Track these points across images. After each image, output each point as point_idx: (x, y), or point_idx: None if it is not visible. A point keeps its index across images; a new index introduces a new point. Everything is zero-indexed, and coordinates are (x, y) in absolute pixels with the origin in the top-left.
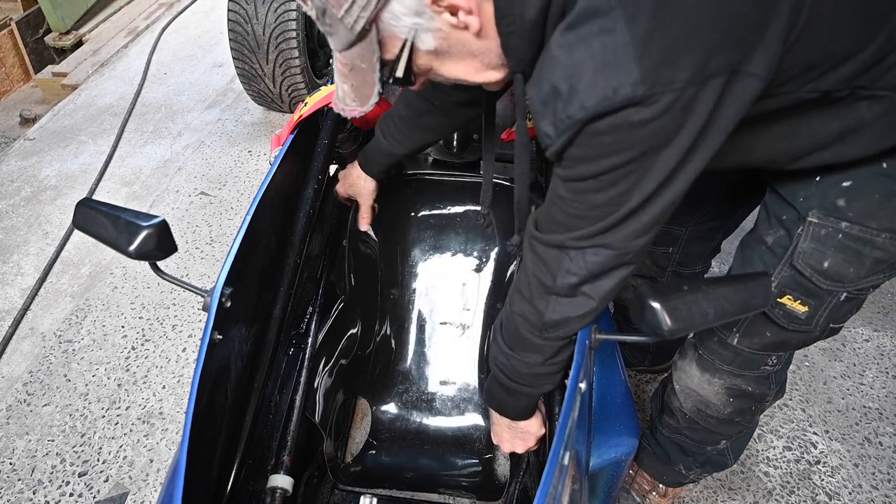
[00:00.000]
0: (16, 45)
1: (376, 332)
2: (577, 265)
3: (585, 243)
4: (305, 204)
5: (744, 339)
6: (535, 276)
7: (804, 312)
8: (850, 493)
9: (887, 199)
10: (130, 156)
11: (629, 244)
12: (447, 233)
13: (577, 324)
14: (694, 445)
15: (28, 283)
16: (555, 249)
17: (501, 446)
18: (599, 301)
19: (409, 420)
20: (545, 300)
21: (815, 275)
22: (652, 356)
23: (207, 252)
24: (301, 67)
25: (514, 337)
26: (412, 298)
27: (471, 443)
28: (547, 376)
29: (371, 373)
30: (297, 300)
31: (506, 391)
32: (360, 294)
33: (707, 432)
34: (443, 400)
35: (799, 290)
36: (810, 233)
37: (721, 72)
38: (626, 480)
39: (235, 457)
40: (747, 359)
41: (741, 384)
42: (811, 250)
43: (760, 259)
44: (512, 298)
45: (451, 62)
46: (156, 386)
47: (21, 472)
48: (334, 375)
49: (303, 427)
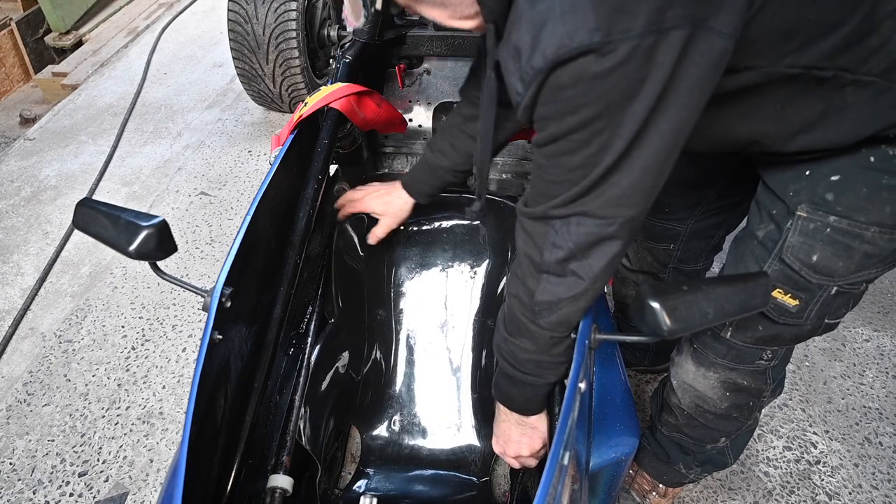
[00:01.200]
0: (16, 45)
1: (365, 356)
2: (562, 237)
3: (566, 210)
4: (305, 204)
5: (737, 333)
6: (526, 253)
7: (795, 306)
8: (850, 493)
9: (875, 192)
10: (130, 156)
11: (611, 212)
12: (434, 249)
13: (568, 307)
14: (694, 444)
15: (28, 283)
16: (540, 223)
17: (506, 450)
18: (590, 282)
19: (401, 445)
20: (536, 279)
21: (805, 269)
22: (652, 356)
23: (207, 252)
24: (301, 67)
25: (512, 321)
26: (400, 318)
27: (465, 465)
28: (548, 366)
29: (361, 398)
30: (297, 300)
31: (510, 381)
32: (348, 316)
33: (706, 429)
34: (435, 422)
35: (789, 284)
36: (799, 227)
37: (681, 24)
38: (626, 481)
39: (235, 457)
40: (741, 352)
41: (736, 378)
42: (800, 244)
43: (752, 254)
44: (508, 281)
45: (426, 6)
46: (156, 386)
47: (21, 472)
48: (327, 403)
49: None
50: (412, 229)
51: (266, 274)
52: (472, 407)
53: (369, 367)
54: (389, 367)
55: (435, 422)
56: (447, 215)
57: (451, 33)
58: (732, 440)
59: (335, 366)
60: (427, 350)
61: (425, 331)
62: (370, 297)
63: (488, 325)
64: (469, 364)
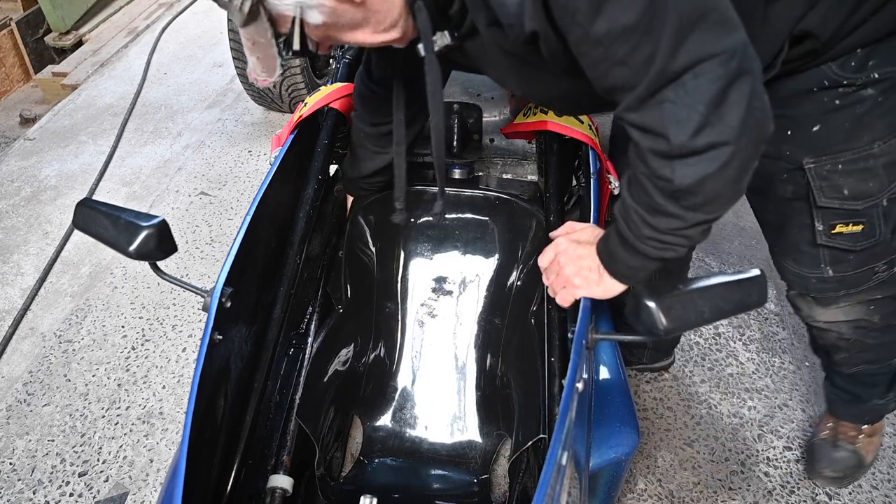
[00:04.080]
0: (16, 45)
1: (371, 347)
2: (684, 105)
3: (674, 67)
4: (305, 204)
5: (836, 267)
6: (650, 149)
7: (862, 230)
8: (849, 493)
9: (857, 121)
10: (130, 156)
11: (721, 43)
12: (446, 245)
13: (714, 182)
14: (878, 367)
15: (28, 283)
16: (649, 108)
17: (561, 270)
18: (734, 141)
19: (402, 438)
20: (670, 168)
21: (844, 202)
22: (651, 352)
23: (207, 252)
24: (301, 67)
25: (644, 197)
26: (408, 312)
27: (466, 462)
28: (669, 246)
29: (364, 389)
30: (297, 300)
31: (621, 242)
32: (356, 307)
33: (879, 349)
34: (437, 417)
35: (842, 218)
36: (814, 174)
37: None
38: (829, 437)
39: (235, 457)
40: (854, 278)
41: (867, 296)
42: (825, 187)
43: (795, 212)
44: (637, 168)
45: (345, 32)
46: (156, 386)
47: (21, 472)
48: (329, 389)
49: (303, 427)
50: (425, 225)
51: (266, 274)
52: (475, 404)
53: (374, 358)
54: (394, 360)
55: (437, 417)
56: (460, 212)
57: None
58: None
59: (340, 353)
60: (433, 345)
61: (432, 326)
62: (379, 289)
63: (495, 324)
64: (474, 361)
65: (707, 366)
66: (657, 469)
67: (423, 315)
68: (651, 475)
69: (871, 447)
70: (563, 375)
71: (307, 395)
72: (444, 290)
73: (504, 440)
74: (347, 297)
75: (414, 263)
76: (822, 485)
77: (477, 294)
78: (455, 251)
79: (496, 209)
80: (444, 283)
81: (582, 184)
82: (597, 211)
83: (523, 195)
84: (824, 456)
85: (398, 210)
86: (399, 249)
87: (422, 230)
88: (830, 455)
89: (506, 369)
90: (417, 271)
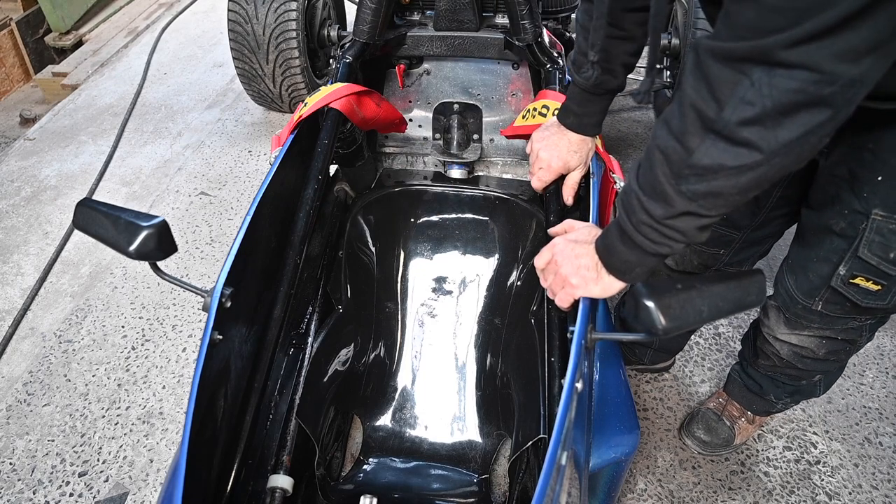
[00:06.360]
0: (16, 45)
1: (371, 347)
2: (759, 92)
3: (781, 56)
4: (305, 204)
5: (829, 307)
6: (695, 105)
7: (878, 290)
8: (850, 493)
9: None
10: (130, 156)
11: (837, 68)
12: (446, 245)
13: (725, 179)
14: (788, 379)
15: (28, 283)
16: (732, 68)
17: (558, 269)
18: (767, 155)
19: (402, 437)
20: (700, 137)
21: (883, 263)
22: (652, 353)
23: (207, 252)
24: (301, 67)
25: (648, 176)
26: (408, 312)
27: (466, 462)
28: (667, 237)
29: (364, 388)
30: (297, 300)
31: (620, 233)
32: (356, 307)
33: (804, 371)
34: (437, 417)
35: (870, 273)
36: (875, 227)
37: None
38: (717, 408)
39: (235, 457)
40: (834, 319)
41: (831, 335)
42: (877, 242)
43: (830, 245)
44: (657, 132)
45: None
46: (156, 386)
47: (21, 472)
48: (329, 389)
49: (302, 427)
50: (425, 225)
51: (266, 274)
52: (475, 404)
53: (374, 358)
54: (394, 360)
55: (437, 416)
56: (460, 212)
57: (451, 34)
58: (825, 375)
59: (340, 353)
60: (433, 345)
61: (432, 325)
62: (379, 289)
63: (495, 324)
64: (474, 361)
65: (707, 366)
66: (657, 469)
67: (423, 315)
68: (651, 475)
69: (746, 433)
70: (562, 375)
71: (307, 395)
72: (444, 290)
73: (504, 440)
74: (347, 297)
75: (414, 263)
76: (689, 444)
77: (477, 294)
78: (455, 251)
79: (496, 209)
80: (444, 283)
81: (582, 184)
82: (597, 211)
83: (523, 195)
84: (704, 421)
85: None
86: (399, 249)
87: (422, 230)
88: (710, 422)
89: (506, 369)
90: (417, 271)
